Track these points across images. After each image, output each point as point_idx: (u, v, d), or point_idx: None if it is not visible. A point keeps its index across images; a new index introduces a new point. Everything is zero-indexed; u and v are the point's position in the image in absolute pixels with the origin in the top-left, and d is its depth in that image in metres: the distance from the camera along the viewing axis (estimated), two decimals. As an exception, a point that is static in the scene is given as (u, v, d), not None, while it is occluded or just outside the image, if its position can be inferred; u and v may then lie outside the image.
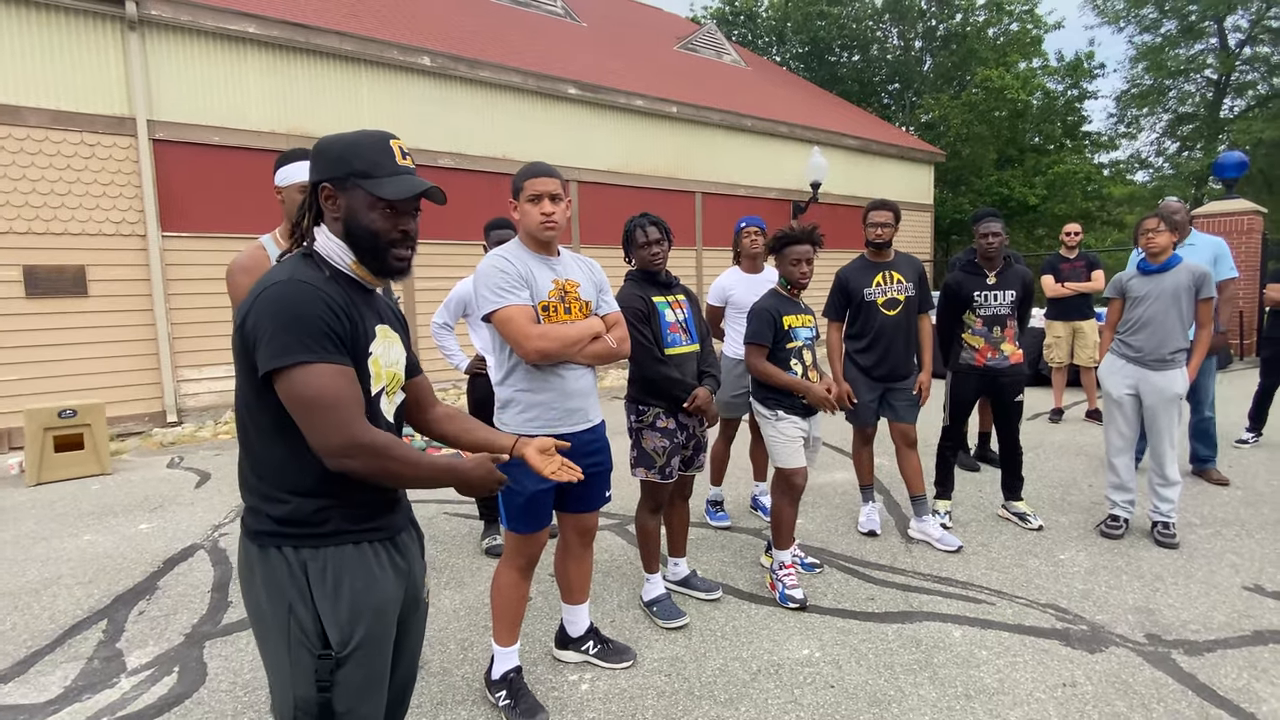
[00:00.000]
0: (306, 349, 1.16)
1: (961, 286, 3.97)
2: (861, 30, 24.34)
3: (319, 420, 1.16)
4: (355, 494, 1.29)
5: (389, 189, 1.27)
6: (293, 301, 1.18)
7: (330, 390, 1.17)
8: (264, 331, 1.17)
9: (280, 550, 1.24)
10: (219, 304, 7.07)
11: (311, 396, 1.16)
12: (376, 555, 1.32)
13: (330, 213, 1.30)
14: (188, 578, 3.44)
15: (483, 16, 11.24)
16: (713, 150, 11.74)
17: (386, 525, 1.36)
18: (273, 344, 1.17)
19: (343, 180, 1.28)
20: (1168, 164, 22.93)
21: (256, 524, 1.27)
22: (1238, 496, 4.37)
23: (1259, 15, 20.16)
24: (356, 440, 1.17)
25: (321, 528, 1.26)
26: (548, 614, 2.94)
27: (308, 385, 1.16)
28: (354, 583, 1.26)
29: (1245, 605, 2.94)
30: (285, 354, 1.16)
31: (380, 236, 1.29)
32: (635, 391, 2.79)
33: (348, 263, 1.31)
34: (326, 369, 1.18)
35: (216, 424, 7.11)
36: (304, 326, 1.17)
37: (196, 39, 7.04)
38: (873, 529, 3.86)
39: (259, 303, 1.20)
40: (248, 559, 1.28)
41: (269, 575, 1.25)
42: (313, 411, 1.16)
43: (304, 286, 1.20)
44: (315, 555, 1.25)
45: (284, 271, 1.24)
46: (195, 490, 4.99)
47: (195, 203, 7.08)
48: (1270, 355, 5.43)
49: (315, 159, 1.31)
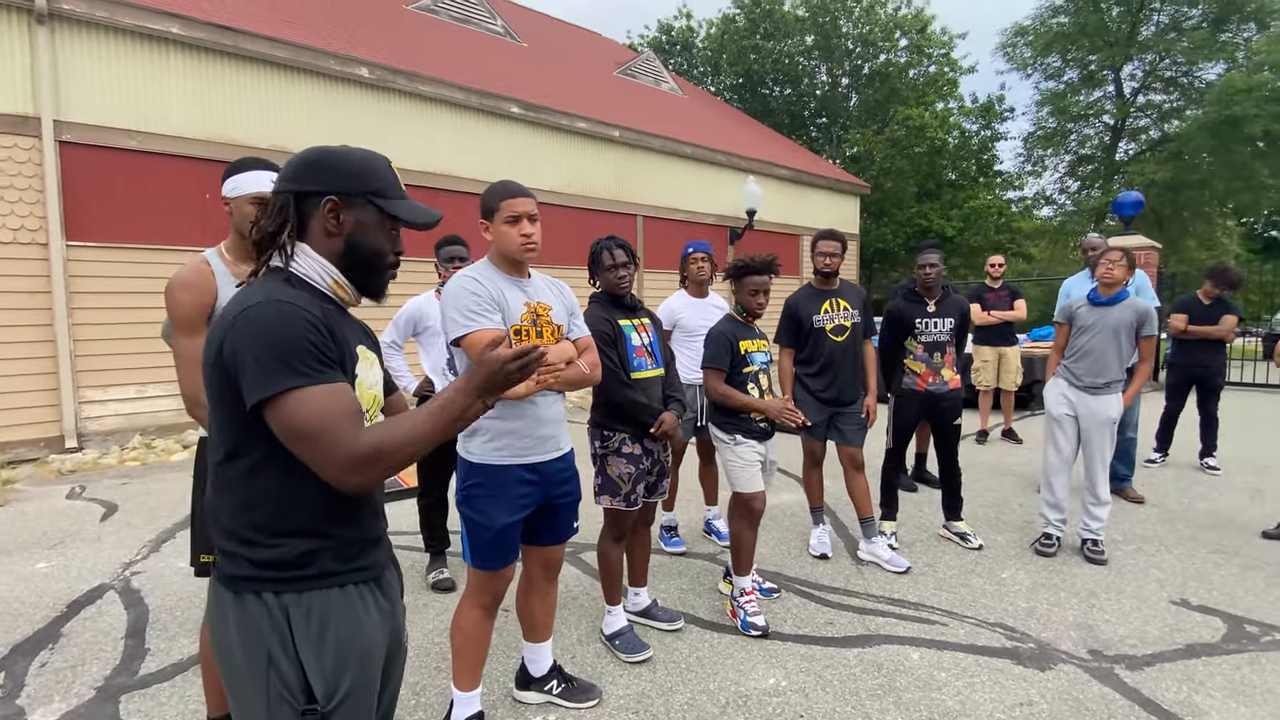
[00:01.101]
0: (296, 373, 1.08)
1: (903, 314, 4.12)
2: (793, 65, 25.33)
3: (320, 446, 1.08)
4: (345, 532, 1.21)
5: (407, 212, 1.27)
6: (275, 324, 1.09)
7: (326, 414, 1.08)
8: (246, 359, 1.08)
9: (259, 596, 1.14)
10: (129, 319, 6.57)
11: (303, 424, 1.07)
12: (362, 598, 1.23)
13: (329, 227, 1.23)
14: (96, 623, 3.11)
15: (422, 31, 11.04)
16: (653, 174, 11.87)
17: (372, 564, 1.27)
18: (259, 371, 1.07)
19: (356, 196, 1.23)
20: (1070, 201, 24.75)
21: (233, 568, 1.15)
22: (1154, 514, 4.66)
23: (1152, 66, 22.17)
24: (358, 454, 1.08)
25: (306, 570, 1.16)
26: (504, 652, 2.80)
27: (300, 413, 1.07)
28: (340, 628, 1.17)
29: (1175, 619, 3.11)
30: (273, 382, 1.07)
31: (383, 256, 1.27)
32: (600, 416, 2.72)
33: (328, 282, 1.24)
34: (319, 391, 1.09)
35: (123, 450, 6.56)
36: (290, 350, 1.09)
37: (113, 37, 6.59)
38: (824, 551, 3.90)
39: (237, 328, 1.09)
40: (221, 607, 1.17)
41: (245, 623, 1.13)
42: (309, 439, 1.08)
43: (286, 307, 1.11)
44: (298, 600, 1.15)
45: (259, 292, 1.14)
46: (101, 524, 4.55)
47: (105, 210, 6.57)
48: (1175, 381, 5.87)
49: (315, 169, 1.23)
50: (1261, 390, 11.19)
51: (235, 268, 2.03)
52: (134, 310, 6.59)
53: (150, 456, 6.48)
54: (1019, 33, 23.29)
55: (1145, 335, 3.82)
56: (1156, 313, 3.97)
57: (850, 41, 24.34)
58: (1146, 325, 3.80)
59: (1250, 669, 2.68)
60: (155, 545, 4.11)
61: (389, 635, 1.30)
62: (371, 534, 1.28)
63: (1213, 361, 5.72)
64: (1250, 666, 2.70)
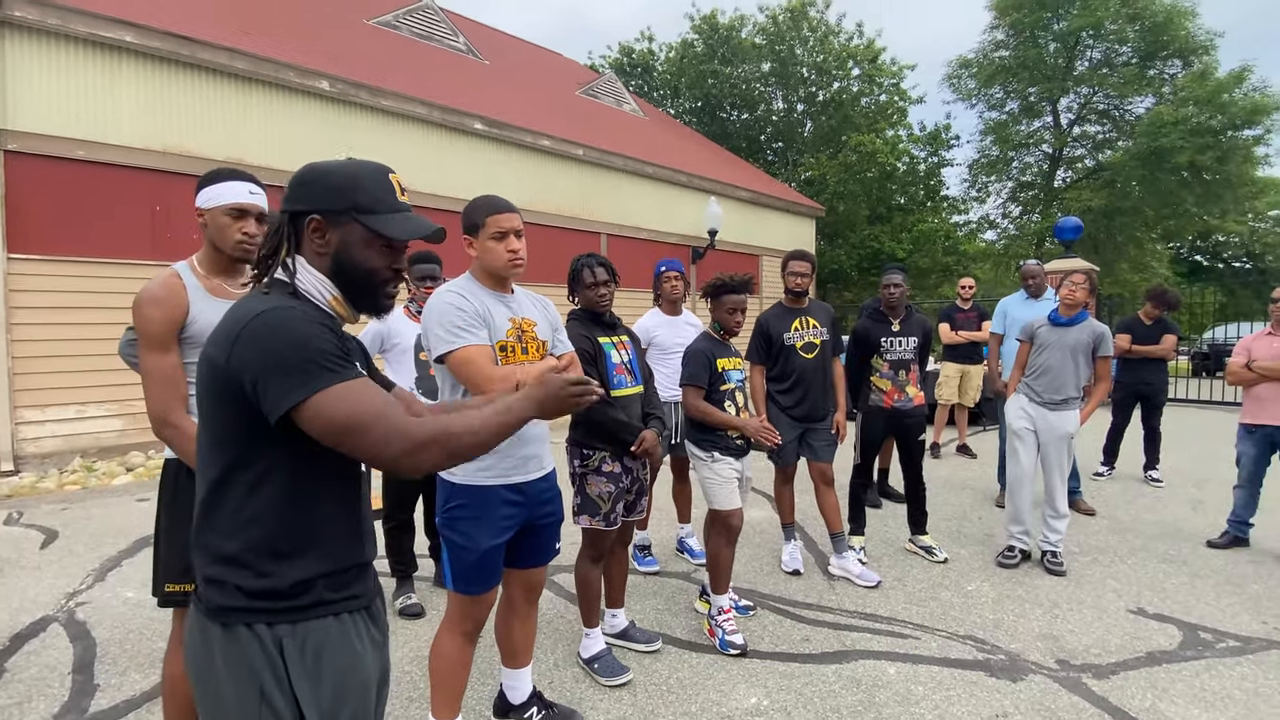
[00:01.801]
0: (326, 370, 1.05)
1: (869, 333, 4.22)
2: (750, 91, 25.91)
3: (375, 433, 1.05)
4: (343, 553, 1.18)
5: (394, 228, 1.20)
6: (291, 328, 1.06)
7: (367, 401, 1.06)
8: (267, 366, 1.04)
9: (251, 628, 1.08)
10: (71, 335, 6.26)
11: (351, 416, 1.04)
12: (356, 627, 1.19)
13: (315, 247, 1.20)
14: (41, 657, 2.91)
15: (384, 46, 10.94)
16: (617, 193, 11.95)
17: (363, 592, 1.23)
18: (286, 376, 1.03)
19: (339, 214, 1.18)
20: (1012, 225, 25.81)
21: (221, 598, 1.10)
22: (1105, 525, 4.84)
23: (1086, 99, 23.40)
24: (415, 439, 1.06)
25: (300, 599, 1.12)
26: (479, 679, 2.72)
27: (343, 407, 1.04)
28: (336, 660, 1.13)
29: (1134, 628, 3.23)
30: (305, 383, 1.03)
31: (376, 275, 1.22)
32: (579, 435, 2.70)
33: (326, 298, 1.20)
34: (356, 384, 1.07)
35: (62, 473, 6.21)
36: (313, 349, 1.05)
37: (64, 45, 6.34)
38: (796, 568, 3.93)
39: (246, 338, 1.05)
40: (205, 640, 1.10)
41: (235, 657, 1.08)
42: (360, 429, 1.05)
43: (297, 312, 1.09)
44: (293, 631, 1.10)
45: (262, 302, 1.10)
46: (41, 551, 4.29)
47: (51, 222, 6.27)
48: (1121, 397, 6.13)
49: (303, 187, 1.19)
50: (1195, 406, 11.79)
51: (208, 281, 1.96)
52: (77, 326, 6.29)
53: (91, 480, 6.15)
54: (963, 65, 24.32)
55: (1102, 355, 3.99)
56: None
57: (805, 69, 25.04)
58: (1103, 346, 3.97)
59: (1208, 675, 2.79)
60: (100, 574, 3.89)
61: (380, 666, 1.26)
62: (364, 559, 1.24)
63: (1155, 379, 6.00)
64: (1208, 673, 2.81)
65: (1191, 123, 18.95)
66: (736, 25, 25.62)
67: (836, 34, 24.96)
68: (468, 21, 15.92)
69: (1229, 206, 22.18)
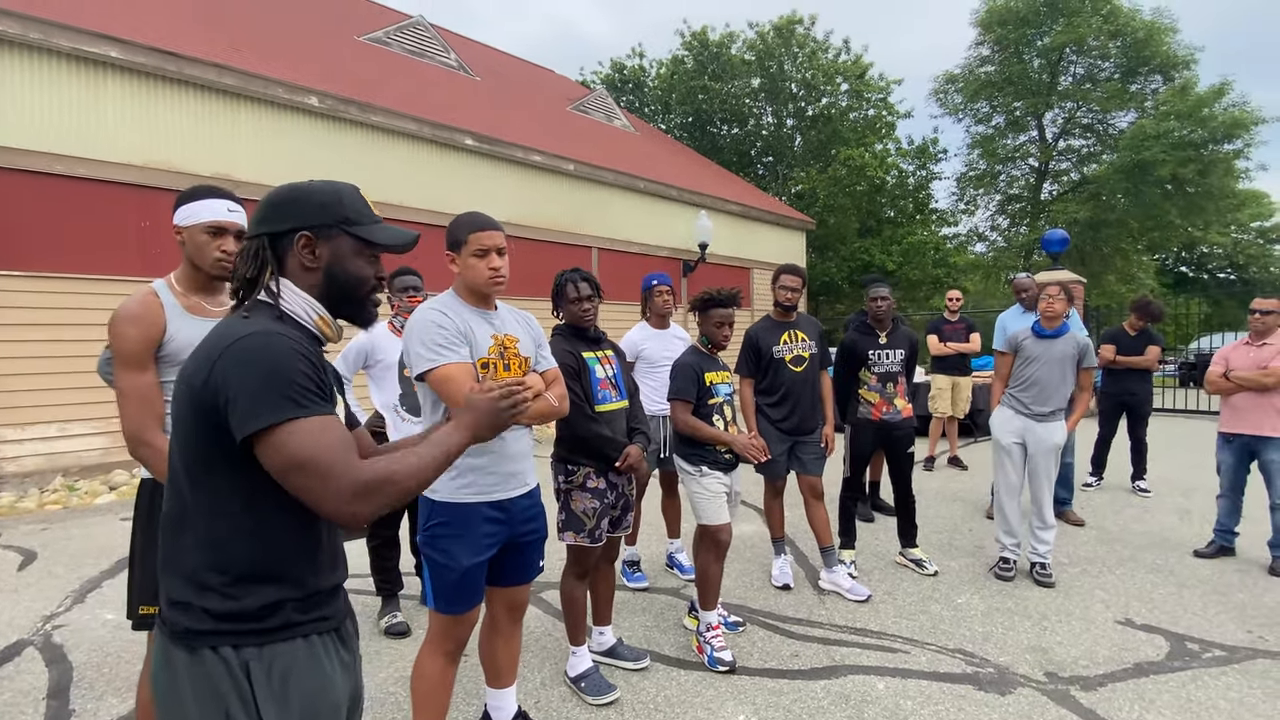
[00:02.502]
0: (294, 403, 1.05)
1: (857, 345, 4.23)
2: (740, 106, 26.15)
3: (320, 476, 1.04)
4: (311, 577, 1.16)
5: (381, 235, 1.26)
6: (269, 355, 1.06)
7: (326, 444, 1.06)
8: (240, 390, 1.04)
9: (216, 651, 1.07)
10: (52, 352, 6.19)
11: (308, 455, 1.03)
12: (326, 650, 1.18)
13: (306, 262, 1.22)
14: (15, 683, 2.85)
15: (374, 63, 10.98)
16: (608, 208, 11.99)
17: (333, 614, 1.22)
18: (254, 402, 1.03)
19: (328, 228, 1.22)
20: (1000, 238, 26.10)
21: (188, 621, 1.08)
22: (1093, 535, 4.85)
23: (1070, 113, 23.78)
24: (362, 483, 1.06)
25: (267, 621, 1.10)
26: (464, 699, 2.69)
27: (303, 443, 1.04)
28: (304, 683, 1.12)
29: (1121, 639, 3.22)
30: (270, 413, 1.03)
31: (366, 283, 1.27)
32: (564, 451, 2.68)
33: (312, 318, 1.22)
34: (317, 422, 1.07)
35: (42, 493, 6.13)
36: (286, 381, 1.06)
37: (47, 59, 6.33)
38: (786, 582, 3.91)
39: (227, 359, 1.06)
40: (169, 664, 1.09)
41: (201, 682, 1.06)
42: (308, 469, 1.04)
43: (278, 339, 1.09)
44: (259, 654, 1.09)
45: (245, 325, 1.10)
46: (18, 573, 4.22)
47: (30, 238, 6.23)
48: (1107, 408, 6.17)
49: (285, 207, 1.22)
50: (1182, 416, 11.87)
51: (186, 299, 1.94)
52: (59, 343, 6.23)
53: (73, 499, 6.07)
54: (949, 80, 24.69)
55: (1085, 367, 4.02)
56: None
57: (794, 85, 25.30)
58: (1086, 358, 4.01)
59: (1194, 686, 2.79)
60: (79, 596, 3.83)
61: (350, 689, 1.25)
62: (333, 581, 1.23)
63: (1140, 389, 6.03)
64: (1195, 684, 2.80)
65: (1173, 136, 19.26)
66: (726, 42, 25.89)
67: (824, 50, 25.26)
68: (459, 38, 16.02)
69: (1211, 218, 22.53)
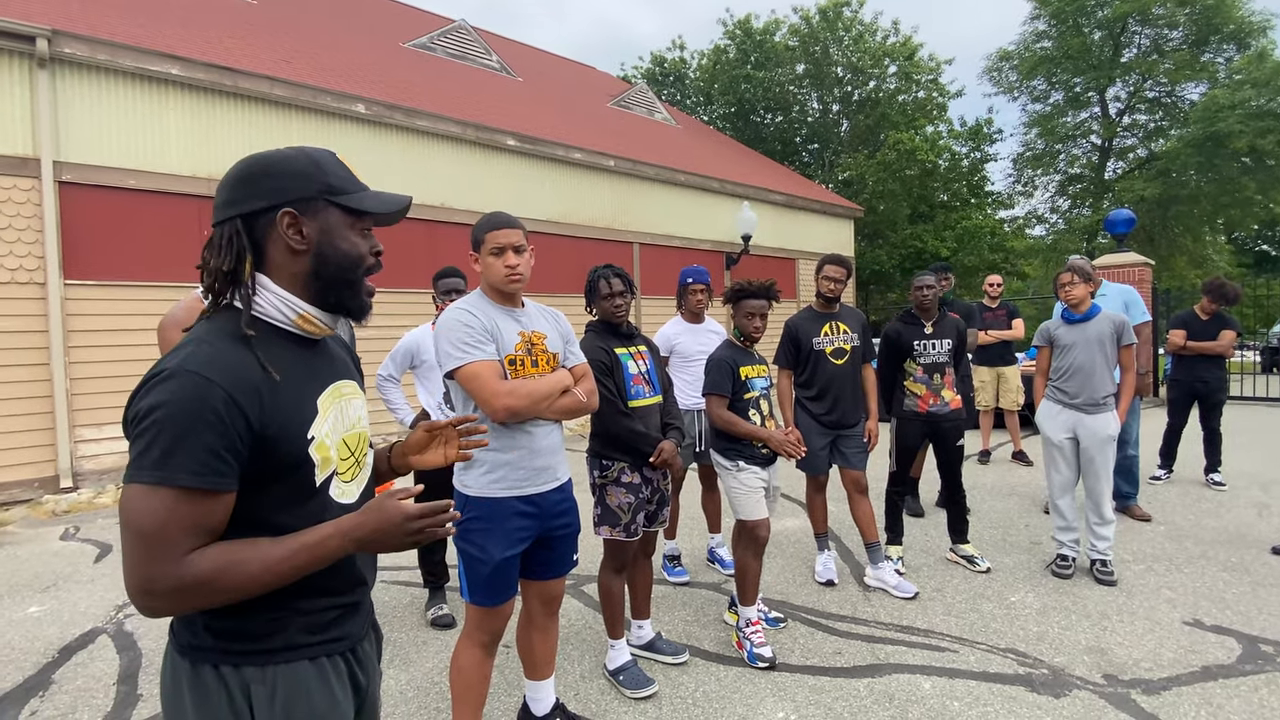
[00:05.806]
0: (156, 466, 0.92)
1: (901, 336, 4.11)
2: (784, 94, 25.73)
3: (141, 550, 0.93)
4: (321, 597, 1.10)
5: (374, 203, 1.11)
6: (170, 403, 0.93)
7: (154, 519, 0.92)
8: (136, 430, 0.95)
9: (217, 669, 1.03)
10: (125, 357, 6.55)
11: (131, 520, 0.93)
12: (336, 670, 1.12)
13: (294, 244, 1.06)
14: (88, 669, 3.03)
15: (419, 68, 11.23)
16: (648, 203, 11.97)
17: (347, 634, 1.15)
18: (132, 450, 0.95)
19: (312, 201, 1.06)
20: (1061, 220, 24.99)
21: (190, 636, 1.04)
22: (1161, 531, 4.61)
23: (1136, 88, 22.56)
24: (183, 579, 0.93)
25: (270, 641, 1.05)
26: (505, 690, 2.74)
27: (135, 507, 0.93)
28: (307, 709, 1.06)
29: (1189, 640, 3.05)
30: (138, 465, 0.94)
31: (363, 260, 1.12)
32: (598, 446, 2.69)
33: (292, 318, 1.08)
34: (165, 495, 0.92)
35: (118, 488, 6.50)
36: (175, 435, 0.93)
37: (113, 79, 6.68)
38: (830, 578, 3.84)
39: (140, 395, 0.97)
40: (174, 675, 1.05)
41: (201, 700, 1.02)
42: (135, 538, 0.93)
43: (193, 381, 0.94)
44: (261, 675, 1.04)
45: (177, 355, 0.98)
46: (94, 565, 4.48)
47: (104, 249, 6.60)
48: (1176, 396, 5.84)
49: (258, 181, 1.05)
50: (1263, 404, 11.16)
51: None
52: (131, 348, 6.58)
53: (146, 495, 6.40)
54: (1004, 57, 23.71)
55: (1125, 345, 3.83)
56: (1154, 328, 3.98)
57: (840, 69, 24.75)
58: (1125, 334, 3.82)
59: (1268, 690, 2.62)
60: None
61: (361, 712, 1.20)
62: (350, 600, 1.15)
63: (1212, 376, 5.69)
64: (1268, 688, 2.64)
65: (1250, 106, 18.06)
66: (770, 29, 25.49)
67: (872, 32, 24.62)
68: (501, 40, 16.24)
69: (1295, 192, 21.05)
